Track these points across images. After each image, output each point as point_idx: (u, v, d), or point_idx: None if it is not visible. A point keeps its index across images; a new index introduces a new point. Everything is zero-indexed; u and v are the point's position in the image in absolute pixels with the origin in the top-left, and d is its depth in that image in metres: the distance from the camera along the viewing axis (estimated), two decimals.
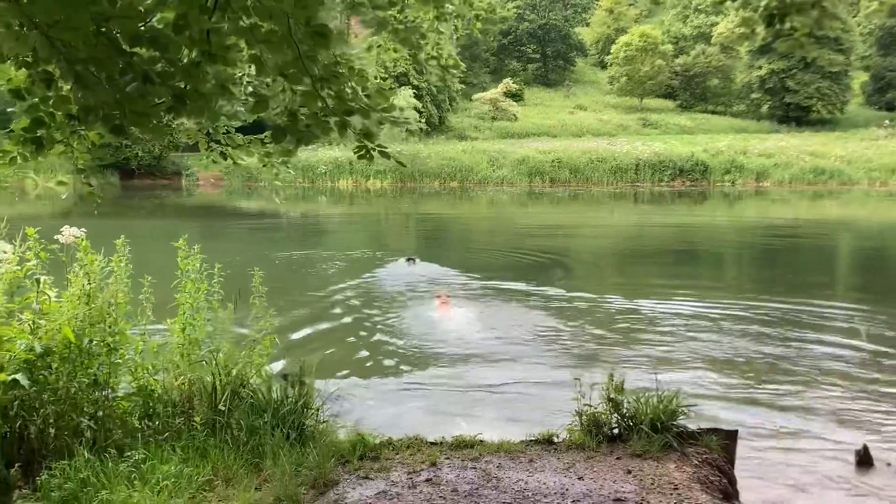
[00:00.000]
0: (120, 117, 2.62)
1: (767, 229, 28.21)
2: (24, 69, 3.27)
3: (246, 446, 4.91)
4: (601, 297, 12.95)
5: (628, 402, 5.64)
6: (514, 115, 62.17)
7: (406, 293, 13.39)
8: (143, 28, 2.58)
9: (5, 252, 5.26)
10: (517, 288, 13.88)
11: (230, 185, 47.28)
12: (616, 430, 5.64)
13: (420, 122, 51.69)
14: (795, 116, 62.84)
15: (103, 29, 2.53)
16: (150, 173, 47.55)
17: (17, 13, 2.40)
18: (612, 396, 5.66)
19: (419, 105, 51.62)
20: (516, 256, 19.34)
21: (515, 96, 65.32)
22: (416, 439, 5.47)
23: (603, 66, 74.16)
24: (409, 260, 16.14)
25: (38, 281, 4.81)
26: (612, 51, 67.30)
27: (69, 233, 5.13)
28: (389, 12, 6.15)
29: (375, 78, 6.10)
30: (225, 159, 5.36)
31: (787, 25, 4.78)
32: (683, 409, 5.60)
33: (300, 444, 5.00)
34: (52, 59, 2.44)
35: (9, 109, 3.65)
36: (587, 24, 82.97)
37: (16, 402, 4.50)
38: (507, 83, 64.43)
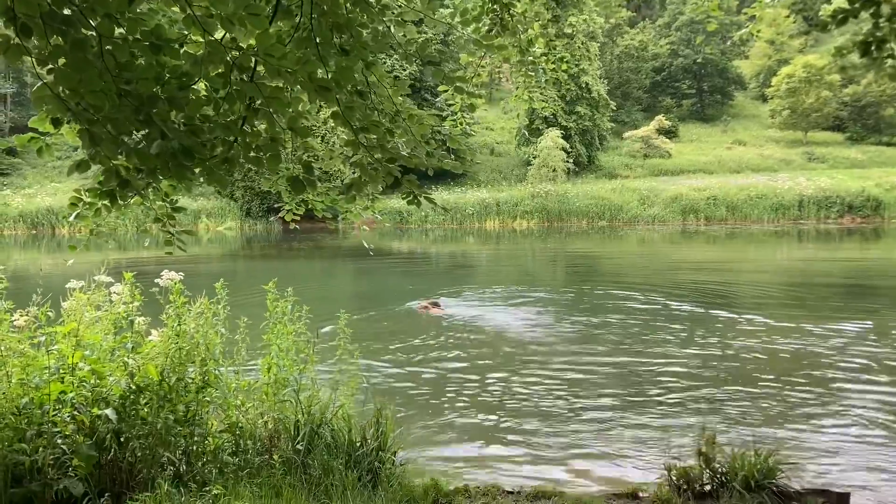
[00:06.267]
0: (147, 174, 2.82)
1: None
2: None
3: (319, 487, 5.01)
4: (742, 334, 12.23)
5: (722, 457, 5.28)
6: (668, 151, 60.52)
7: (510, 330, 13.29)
8: (159, 89, 2.77)
9: (118, 294, 5.72)
10: (642, 321, 13.42)
11: (382, 227, 49.03)
12: (707, 487, 5.28)
13: (568, 161, 51.53)
14: None
15: (123, 91, 2.74)
16: (310, 217, 50.18)
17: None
18: (703, 450, 5.32)
19: (566, 146, 51.50)
20: (659, 292, 18.60)
21: (669, 133, 63.63)
22: (493, 487, 5.38)
23: (764, 99, 70.84)
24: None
25: (132, 322, 5.20)
26: (773, 83, 64.19)
27: (168, 276, 5.51)
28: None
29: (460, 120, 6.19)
30: (308, 206, 5.60)
31: (886, 53, 4.40)
32: (783, 466, 5.17)
33: (372, 487, 5.04)
34: (65, 118, 2.67)
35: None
36: (746, 57, 79.71)
37: (108, 435, 4.85)
38: (660, 120, 62.88)
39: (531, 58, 6.15)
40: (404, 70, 47.97)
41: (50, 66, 2.58)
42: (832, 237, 39.96)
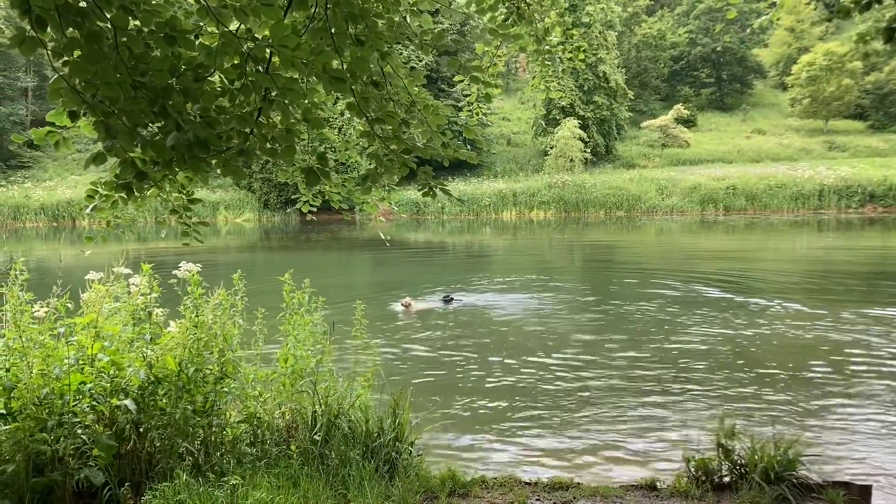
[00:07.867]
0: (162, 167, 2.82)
1: None
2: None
3: (337, 477, 5.03)
4: (762, 322, 12.11)
5: (742, 448, 5.24)
6: (686, 141, 60.05)
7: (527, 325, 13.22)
8: (174, 81, 2.77)
9: (136, 285, 5.76)
10: (660, 311, 13.34)
11: (399, 218, 49.14)
12: (726, 479, 5.25)
13: (585, 151, 51.29)
14: None
15: (138, 83, 2.74)
16: (327, 209, 50.32)
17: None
18: (722, 441, 5.28)
19: (584, 135, 51.24)
20: (679, 281, 18.45)
21: (687, 122, 63.11)
22: (510, 478, 5.37)
23: (783, 87, 70.03)
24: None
25: (149, 313, 5.23)
26: (793, 71, 63.42)
27: (186, 267, 5.54)
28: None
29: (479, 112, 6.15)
30: (324, 198, 5.60)
31: None
32: (804, 458, 5.12)
33: (389, 477, 5.05)
34: (81, 111, 2.68)
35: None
36: (765, 45, 78.75)
37: (127, 426, 4.89)
38: (679, 109, 62.37)
39: (548, 47, 6.10)
40: (420, 60, 47.85)
41: (65, 58, 2.58)
42: (853, 227, 39.51)
